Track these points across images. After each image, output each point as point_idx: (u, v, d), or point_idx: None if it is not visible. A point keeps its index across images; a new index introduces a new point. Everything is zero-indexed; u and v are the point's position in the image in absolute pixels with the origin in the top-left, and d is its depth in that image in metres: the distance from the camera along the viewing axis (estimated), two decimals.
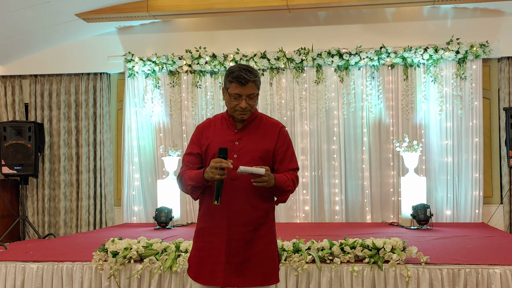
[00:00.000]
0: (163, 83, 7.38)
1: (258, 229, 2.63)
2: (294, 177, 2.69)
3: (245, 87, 2.58)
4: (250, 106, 2.62)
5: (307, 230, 5.92)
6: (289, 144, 2.75)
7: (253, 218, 2.62)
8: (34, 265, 4.05)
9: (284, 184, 2.59)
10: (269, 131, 2.71)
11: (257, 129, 2.70)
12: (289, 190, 2.62)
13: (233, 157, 2.61)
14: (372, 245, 3.76)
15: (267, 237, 2.66)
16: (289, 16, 7.17)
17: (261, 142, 2.67)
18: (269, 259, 2.65)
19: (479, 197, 6.72)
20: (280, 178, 2.59)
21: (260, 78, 2.68)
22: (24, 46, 7.26)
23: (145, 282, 3.89)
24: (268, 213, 2.69)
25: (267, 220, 2.68)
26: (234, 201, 2.60)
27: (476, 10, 6.89)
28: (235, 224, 2.60)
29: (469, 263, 3.70)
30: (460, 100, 6.82)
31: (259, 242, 2.63)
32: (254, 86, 2.61)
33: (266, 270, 2.63)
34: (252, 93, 2.61)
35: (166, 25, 7.47)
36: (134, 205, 7.33)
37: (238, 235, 2.60)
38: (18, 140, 6.93)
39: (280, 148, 2.70)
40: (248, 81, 2.58)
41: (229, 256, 2.59)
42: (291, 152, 2.74)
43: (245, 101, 2.60)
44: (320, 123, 7.05)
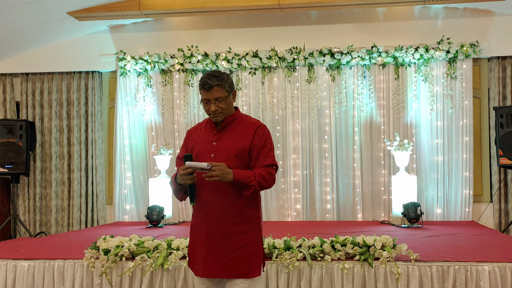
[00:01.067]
0: (155, 81, 7.38)
1: (238, 225, 2.76)
2: (266, 172, 2.76)
3: (210, 92, 2.75)
4: (220, 109, 2.78)
5: (299, 228, 5.95)
6: (266, 142, 2.83)
7: (230, 213, 2.75)
8: (26, 263, 4.04)
9: (247, 180, 2.69)
10: (246, 130, 2.83)
11: (235, 129, 2.84)
12: (252, 185, 2.69)
13: (211, 157, 2.78)
14: (363, 243, 3.79)
15: (249, 233, 2.78)
16: (281, 15, 7.20)
17: (238, 141, 2.80)
18: (250, 254, 2.76)
19: (469, 196, 6.78)
20: (240, 174, 2.69)
21: (228, 81, 2.79)
22: (16, 44, 7.24)
23: (136, 280, 3.90)
24: (248, 209, 2.80)
25: (247, 216, 2.79)
26: (213, 197, 2.76)
27: (467, 10, 6.95)
28: (213, 219, 2.76)
29: (458, 260, 3.73)
30: (450, 99, 6.87)
31: (240, 238, 2.75)
32: (220, 90, 2.75)
33: (246, 264, 2.74)
34: (219, 97, 2.75)
35: (158, 23, 7.46)
36: (126, 203, 7.32)
37: (216, 229, 2.75)
38: (9, 139, 6.91)
39: (256, 146, 2.80)
40: (212, 86, 2.74)
41: (209, 249, 2.75)
42: (268, 149, 2.82)
43: (214, 105, 2.76)
44: (312, 122, 7.08)
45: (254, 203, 2.83)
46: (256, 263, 2.79)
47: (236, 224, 2.75)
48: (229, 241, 2.74)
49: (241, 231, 2.75)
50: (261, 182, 2.73)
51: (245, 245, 2.75)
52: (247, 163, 2.80)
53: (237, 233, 2.75)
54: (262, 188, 2.76)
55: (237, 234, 2.75)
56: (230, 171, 2.66)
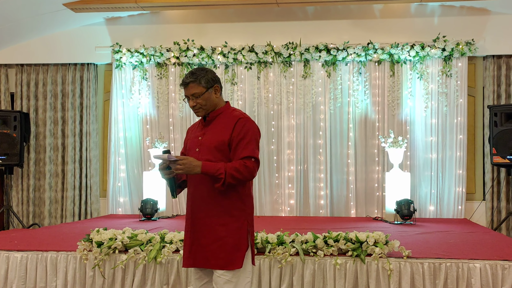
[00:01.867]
0: (151, 75, 7.36)
1: (219, 217, 2.79)
2: (239, 164, 2.74)
3: (186, 88, 2.86)
4: (199, 104, 2.85)
5: (292, 223, 5.96)
6: (246, 134, 2.81)
7: (210, 205, 2.81)
8: (18, 254, 4.04)
9: (215, 172, 2.70)
10: (228, 123, 2.85)
11: (219, 123, 2.89)
12: (221, 178, 2.70)
13: (196, 151, 2.87)
14: (355, 239, 3.81)
15: (230, 225, 2.79)
16: (278, 11, 7.19)
17: (219, 135, 2.84)
18: (230, 247, 2.77)
19: (462, 194, 6.81)
20: (209, 166, 2.73)
21: (205, 77, 2.84)
22: (11, 34, 7.20)
23: (129, 273, 3.91)
24: (229, 201, 2.81)
25: (229, 209, 2.80)
26: (195, 189, 2.87)
27: (463, 8, 6.96)
28: (196, 211, 2.85)
29: (450, 257, 3.76)
30: (445, 97, 6.89)
31: (221, 230, 2.78)
32: (195, 86, 2.83)
33: (225, 256, 2.76)
34: (195, 93, 2.83)
35: (154, 16, 7.44)
36: (120, 196, 7.32)
37: (198, 221, 2.84)
38: (4, 130, 6.88)
39: (235, 138, 2.80)
40: (187, 83, 2.85)
41: (193, 240, 2.85)
42: (247, 141, 2.80)
43: (192, 100, 2.85)
44: (307, 118, 7.09)
45: (237, 195, 2.82)
46: (238, 256, 2.77)
47: (216, 216, 2.79)
48: (209, 232, 2.79)
49: (221, 223, 2.78)
50: (234, 174, 2.71)
51: (225, 237, 2.77)
52: (228, 156, 2.82)
53: (218, 224, 2.78)
54: (236, 180, 2.73)
55: (217, 226, 2.78)
56: (198, 163, 2.71)
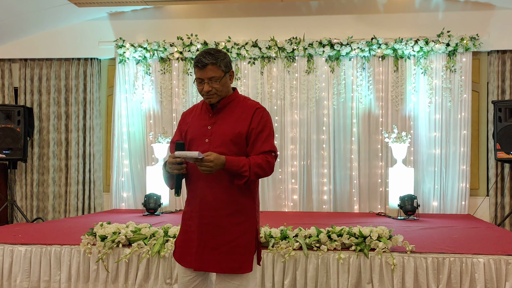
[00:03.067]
0: (154, 69, 7.36)
1: (232, 216, 2.56)
2: (262, 160, 2.54)
3: (204, 70, 2.54)
4: (215, 89, 2.56)
5: (295, 218, 5.96)
6: (265, 126, 2.60)
7: (224, 203, 2.56)
8: (22, 247, 4.05)
9: (240, 169, 2.48)
10: (244, 113, 2.61)
11: (231, 112, 2.62)
12: (245, 176, 2.49)
13: (205, 142, 2.59)
14: (359, 233, 3.81)
15: (243, 225, 2.58)
16: (281, 5, 7.17)
17: (234, 125, 2.58)
18: (243, 248, 2.56)
19: (465, 189, 6.80)
20: (233, 161, 2.48)
21: (225, 60, 2.58)
22: (15, 29, 7.20)
23: (133, 267, 3.92)
24: (243, 199, 2.60)
25: (243, 208, 2.59)
26: (206, 185, 2.57)
27: (467, 3, 6.93)
28: (206, 208, 2.57)
29: (453, 252, 3.76)
30: (449, 92, 6.87)
31: (234, 230, 2.56)
32: (214, 69, 2.54)
33: (238, 258, 2.55)
34: (213, 76, 2.54)
35: (157, 11, 7.43)
36: (123, 191, 7.33)
37: (209, 219, 2.56)
38: (7, 124, 6.90)
39: (254, 130, 2.58)
40: (206, 65, 2.53)
41: (201, 241, 2.57)
42: (266, 134, 2.59)
43: (208, 85, 2.55)
44: (310, 113, 7.08)
45: (250, 193, 2.62)
46: (249, 258, 2.57)
47: (230, 215, 2.55)
48: (222, 233, 2.55)
49: (234, 223, 2.55)
50: (257, 172, 2.51)
51: (238, 237, 2.55)
52: (244, 149, 2.59)
53: (230, 224, 2.55)
54: (257, 177, 2.55)
55: (230, 226, 2.55)
56: (223, 160, 2.45)
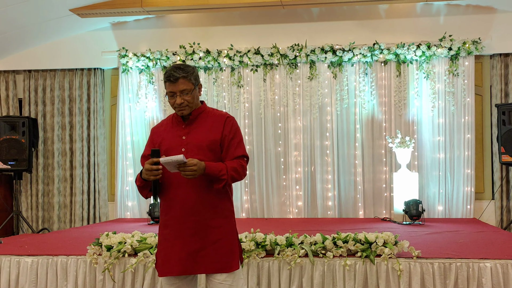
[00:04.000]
0: (157, 78, 7.38)
1: (212, 219, 2.70)
2: (238, 165, 2.73)
3: (175, 84, 2.69)
4: (186, 102, 2.71)
5: (300, 225, 5.95)
6: (236, 133, 2.79)
7: (204, 208, 2.69)
8: (29, 259, 4.06)
9: (218, 173, 2.64)
10: (215, 121, 2.78)
11: (203, 122, 2.78)
12: (223, 179, 2.65)
13: (181, 151, 2.72)
14: (365, 239, 3.80)
15: (223, 228, 2.73)
16: (283, 12, 7.20)
17: (208, 134, 2.75)
18: (226, 249, 2.70)
19: (470, 193, 6.78)
20: (212, 167, 2.64)
21: (194, 73, 2.74)
22: (18, 41, 7.25)
23: (139, 276, 3.92)
24: (221, 202, 2.75)
25: (221, 210, 2.74)
26: (185, 192, 2.69)
27: (469, 7, 6.94)
28: (187, 214, 2.68)
29: (460, 257, 3.74)
30: (452, 96, 6.87)
31: (215, 232, 2.69)
32: (185, 82, 2.69)
33: (222, 259, 2.68)
34: (185, 89, 2.70)
35: (160, 20, 7.47)
36: (128, 200, 7.34)
37: (190, 224, 2.68)
38: (12, 135, 6.93)
39: (227, 137, 2.76)
40: (177, 78, 2.68)
41: (184, 245, 2.67)
42: (238, 140, 2.79)
43: (180, 97, 2.70)
44: (313, 119, 7.08)
45: (227, 196, 2.79)
46: (235, 257, 2.74)
47: (211, 219, 2.69)
48: (204, 236, 2.68)
49: (216, 225, 2.70)
50: (233, 175, 2.69)
51: (221, 239, 2.70)
52: (219, 155, 2.76)
53: (212, 227, 2.69)
54: (233, 181, 2.72)
55: (212, 229, 2.69)
56: (203, 164, 2.61)
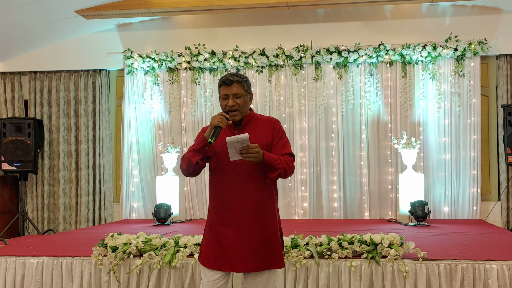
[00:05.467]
0: (162, 80, 7.39)
1: (266, 219, 2.88)
2: (288, 159, 2.88)
3: (230, 87, 2.89)
4: (238, 105, 2.89)
5: (306, 226, 5.94)
6: (283, 134, 2.99)
7: (261, 209, 2.87)
8: (34, 260, 4.07)
9: (274, 162, 2.80)
10: (266, 126, 2.97)
11: (254, 126, 2.96)
12: (279, 168, 2.80)
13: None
14: (370, 241, 3.79)
15: (274, 226, 2.91)
16: (288, 14, 7.19)
17: (261, 137, 2.90)
18: (277, 246, 2.91)
19: (477, 194, 6.75)
20: (269, 156, 2.79)
21: (248, 82, 2.96)
22: (24, 42, 7.27)
23: (144, 277, 3.92)
24: (273, 204, 2.95)
25: (273, 210, 2.93)
26: (243, 194, 2.85)
27: (475, 8, 6.91)
28: (245, 215, 2.85)
29: (466, 258, 3.73)
30: (458, 97, 6.84)
31: (268, 231, 2.87)
32: (239, 86, 2.89)
33: (275, 255, 2.88)
34: (238, 93, 2.89)
35: (165, 22, 7.48)
36: (133, 201, 7.35)
37: (248, 224, 2.84)
38: (18, 137, 6.95)
39: (276, 138, 2.95)
40: (232, 82, 2.88)
41: (242, 243, 2.83)
42: (285, 140, 2.97)
43: (232, 100, 2.88)
44: (319, 120, 7.07)
45: (275, 196, 2.97)
46: (281, 255, 2.93)
47: (264, 219, 2.87)
48: (259, 234, 2.84)
49: (269, 225, 2.88)
50: (285, 167, 2.83)
51: (271, 237, 2.88)
52: None
53: (265, 226, 2.87)
54: (285, 174, 2.84)
55: (265, 228, 2.86)
56: (262, 151, 2.76)
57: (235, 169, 2.85)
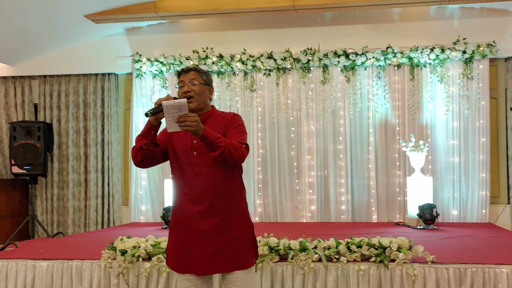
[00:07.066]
0: (171, 83, 7.43)
1: (229, 218, 2.77)
2: (237, 143, 2.70)
3: (187, 73, 2.83)
4: (193, 92, 2.79)
5: (314, 229, 5.94)
6: (239, 125, 2.84)
7: (221, 209, 2.76)
8: (44, 263, 4.10)
9: (216, 139, 2.62)
10: (223, 121, 2.85)
11: (213, 124, 2.80)
12: (220, 146, 2.62)
13: (193, 155, 2.78)
14: (379, 244, 3.79)
15: (240, 225, 2.80)
16: (296, 17, 7.20)
17: (216, 131, 2.74)
18: (244, 245, 2.79)
19: (486, 197, 6.72)
20: (210, 132, 2.62)
21: (208, 75, 2.88)
22: (34, 47, 7.33)
23: (153, 280, 3.94)
24: (237, 202, 2.83)
25: (238, 209, 2.82)
26: (201, 194, 2.75)
27: (483, 10, 6.89)
28: (204, 216, 2.74)
29: (475, 262, 3.71)
30: (466, 100, 6.82)
31: (232, 230, 2.77)
32: (196, 74, 2.83)
33: (241, 255, 2.77)
34: (194, 78, 2.81)
35: (173, 25, 7.51)
36: (142, 204, 7.38)
37: (208, 225, 2.74)
38: (28, 140, 7.00)
39: (230, 126, 2.82)
40: (189, 70, 2.84)
41: (201, 246, 2.73)
42: (240, 130, 2.82)
43: (188, 86, 2.80)
44: (326, 123, 7.07)
45: (241, 193, 2.86)
46: (250, 253, 2.82)
47: (227, 218, 2.76)
48: (221, 236, 2.74)
49: (232, 224, 2.77)
50: (231, 148, 2.64)
51: (238, 236, 2.77)
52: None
53: (228, 226, 2.75)
54: (231, 155, 2.65)
55: (228, 228, 2.75)
56: (202, 126, 2.59)
57: (193, 168, 2.75)
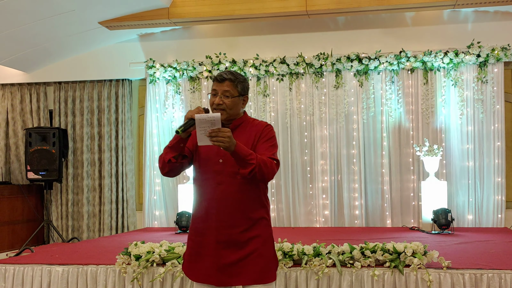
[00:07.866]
0: (184, 88, 7.46)
1: (249, 230, 2.67)
2: (267, 159, 2.59)
3: (221, 84, 2.69)
4: (225, 104, 2.68)
5: (327, 234, 5.92)
6: (271, 139, 2.72)
7: (241, 221, 2.66)
8: (60, 268, 4.13)
9: (248, 156, 2.51)
10: (254, 130, 2.73)
11: (243, 132, 2.72)
12: (252, 164, 2.51)
13: (219, 162, 2.68)
14: (393, 249, 3.77)
15: (260, 237, 2.69)
16: (308, 22, 7.21)
17: (246, 140, 2.67)
18: (264, 258, 2.68)
19: (501, 202, 6.65)
20: (242, 148, 2.51)
21: (244, 84, 2.73)
22: (49, 54, 7.42)
23: (167, 285, 3.95)
24: (258, 214, 2.71)
25: (258, 221, 2.70)
26: (222, 204, 2.66)
27: (497, 14, 6.84)
28: (223, 227, 2.66)
29: (491, 267, 3.67)
30: (481, 104, 6.77)
31: (252, 242, 2.66)
32: (231, 86, 2.68)
33: (261, 269, 2.65)
34: (228, 91, 2.67)
35: (186, 31, 7.56)
36: (156, 209, 7.41)
37: (227, 237, 2.66)
38: (43, 146, 7.08)
39: (261, 139, 2.69)
40: (224, 79, 2.68)
41: (220, 257, 2.65)
42: (271, 144, 2.70)
43: (220, 98, 2.68)
44: (340, 128, 7.06)
45: (262, 207, 2.74)
46: (271, 267, 2.71)
47: (246, 231, 2.66)
48: (241, 248, 2.65)
49: (251, 236, 2.66)
50: (262, 166, 2.54)
51: (258, 248, 2.66)
52: None
53: (248, 239, 2.66)
54: (261, 173, 2.55)
55: (248, 240, 2.65)
56: (235, 141, 2.48)
57: (215, 176, 2.66)
